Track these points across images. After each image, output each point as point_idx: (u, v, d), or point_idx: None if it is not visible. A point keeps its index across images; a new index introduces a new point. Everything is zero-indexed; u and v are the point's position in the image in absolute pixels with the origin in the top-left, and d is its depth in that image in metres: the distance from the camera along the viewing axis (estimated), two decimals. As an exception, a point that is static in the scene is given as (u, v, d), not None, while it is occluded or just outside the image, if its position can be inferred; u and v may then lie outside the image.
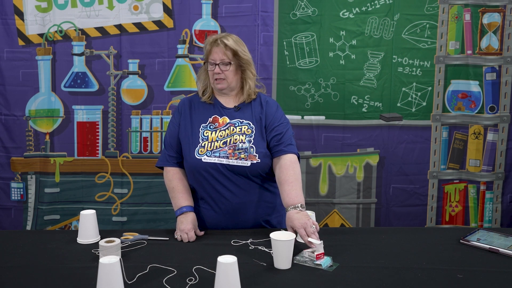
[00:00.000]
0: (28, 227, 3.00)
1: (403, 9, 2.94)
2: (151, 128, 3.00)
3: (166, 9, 2.92)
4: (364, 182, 3.08)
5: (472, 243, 1.81)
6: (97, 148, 3.01)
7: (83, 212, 1.86)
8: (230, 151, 1.94)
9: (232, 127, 1.99)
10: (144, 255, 1.71)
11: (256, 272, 1.56)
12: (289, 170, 1.91)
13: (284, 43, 2.96)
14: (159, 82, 2.97)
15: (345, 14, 2.94)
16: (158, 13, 2.92)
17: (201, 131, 1.99)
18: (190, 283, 1.47)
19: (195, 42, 2.94)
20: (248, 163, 1.92)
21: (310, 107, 3.00)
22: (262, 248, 1.75)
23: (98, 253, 1.66)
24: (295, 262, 1.63)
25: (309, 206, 1.89)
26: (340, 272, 1.56)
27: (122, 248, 1.72)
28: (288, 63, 2.97)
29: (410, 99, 3.02)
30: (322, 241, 1.65)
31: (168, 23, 2.93)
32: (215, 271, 1.36)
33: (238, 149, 1.94)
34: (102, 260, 1.34)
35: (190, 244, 1.84)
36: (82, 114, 2.98)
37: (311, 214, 1.86)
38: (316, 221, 1.81)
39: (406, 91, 3.01)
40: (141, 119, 3.00)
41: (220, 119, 2.01)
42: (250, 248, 1.77)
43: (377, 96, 3.00)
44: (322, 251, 1.64)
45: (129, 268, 1.53)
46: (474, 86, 3.02)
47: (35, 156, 2.98)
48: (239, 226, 1.98)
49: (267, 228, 2.02)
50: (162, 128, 2.99)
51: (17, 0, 2.86)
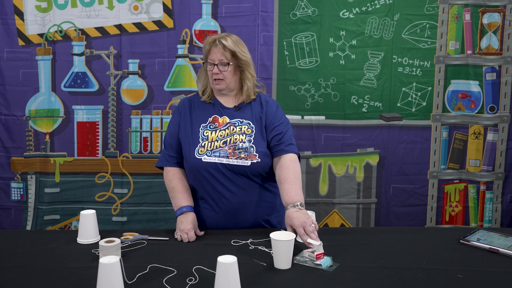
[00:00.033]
0: (28, 227, 3.00)
1: (403, 9, 2.94)
2: (151, 128, 3.00)
3: (166, 9, 2.92)
4: (364, 182, 3.08)
5: (472, 243, 1.81)
6: (97, 148, 3.01)
7: (83, 212, 1.86)
8: (230, 150, 1.94)
9: (232, 127, 1.99)
10: (144, 255, 1.71)
11: (256, 272, 1.56)
12: (289, 169, 1.91)
13: (284, 43, 2.96)
14: (159, 82, 2.97)
15: (345, 14, 2.94)
16: (158, 13, 2.92)
17: (201, 131, 1.99)
18: (190, 283, 1.47)
19: (195, 42, 2.94)
20: (248, 163, 1.92)
21: (310, 107, 3.00)
22: (262, 248, 1.75)
23: (98, 253, 1.66)
24: (295, 262, 1.63)
25: (309, 206, 1.89)
26: (340, 272, 1.56)
27: (122, 248, 1.72)
28: (288, 63, 2.97)
29: (410, 99, 3.02)
30: (321, 242, 1.65)
31: (168, 23, 2.93)
32: (215, 271, 1.36)
33: (238, 148, 1.94)
34: (102, 260, 1.34)
35: (190, 244, 1.84)
36: (82, 114, 2.98)
37: (311, 214, 1.85)
38: (316, 221, 1.80)
39: (406, 91, 3.01)
40: (141, 119, 3.00)
41: (220, 118, 2.01)
42: (250, 248, 1.76)
43: (377, 96, 3.00)
44: (322, 251, 1.63)
45: (129, 268, 1.53)
46: (474, 86, 3.02)
47: (35, 156, 2.98)
48: (239, 226, 1.98)
49: (267, 228, 2.02)
50: (162, 128, 2.99)
51: (17, 0, 2.87)
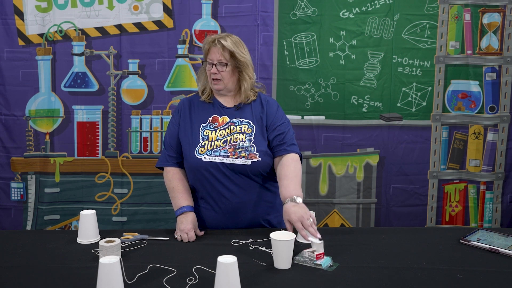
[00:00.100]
0: (28, 227, 3.00)
1: (403, 9, 2.94)
2: (151, 128, 3.00)
3: (166, 9, 2.92)
4: (364, 182, 3.08)
5: (472, 243, 1.81)
6: (97, 148, 3.01)
7: (83, 212, 1.86)
8: (231, 150, 1.94)
9: (232, 126, 1.99)
10: (144, 255, 1.71)
11: (256, 272, 1.56)
12: (290, 166, 1.92)
13: (284, 43, 2.96)
14: (159, 82, 2.97)
15: (345, 14, 2.94)
16: (158, 13, 2.92)
17: (201, 131, 1.99)
18: (190, 283, 1.47)
19: (195, 42, 2.94)
20: (248, 162, 1.92)
21: (310, 107, 3.00)
22: (262, 248, 1.75)
23: (98, 253, 1.66)
24: (295, 262, 1.63)
25: (309, 206, 1.88)
26: (340, 272, 1.56)
27: (122, 248, 1.72)
28: (288, 63, 2.97)
29: (410, 99, 3.02)
30: (322, 240, 1.65)
31: (168, 23, 2.93)
32: (215, 271, 1.36)
33: (239, 148, 1.94)
34: (102, 260, 1.34)
35: (190, 244, 1.83)
36: (82, 114, 2.98)
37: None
38: (316, 221, 1.80)
39: (406, 91, 3.01)
40: (141, 119, 3.00)
41: (220, 118, 2.01)
42: (250, 248, 1.76)
43: (377, 96, 3.00)
44: (322, 251, 1.63)
45: (129, 268, 1.53)
46: (474, 86, 3.02)
47: (35, 156, 2.98)
48: (239, 225, 1.98)
49: (267, 228, 2.02)
50: (162, 128, 2.99)
51: (17, 0, 2.87)
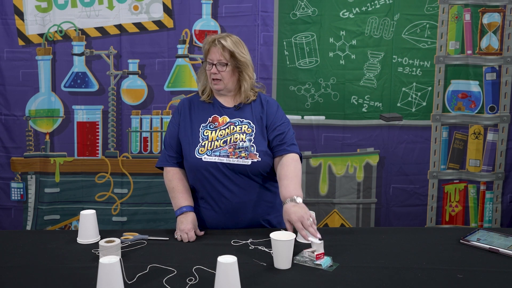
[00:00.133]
0: (28, 227, 3.00)
1: (403, 9, 2.94)
2: (151, 128, 3.00)
3: (166, 9, 2.92)
4: (364, 182, 3.08)
5: (472, 243, 1.81)
6: (97, 148, 3.01)
7: (83, 212, 1.86)
8: (231, 150, 1.94)
9: (232, 126, 1.99)
10: (144, 255, 1.71)
11: (256, 272, 1.56)
12: (290, 166, 1.92)
13: (284, 43, 2.96)
14: (159, 82, 2.97)
15: (345, 14, 2.94)
16: (158, 13, 2.92)
17: (201, 131, 1.99)
18: (190, 283, 1.47)
19: (195, 42, 2.94)
20: (249, 162, 1.92)
21: (310, 107, 3.00)
22: (262, 248, 1.75)
23: (98, 253, 1.66)
24: (295, 262, 1.63)
25: (309, 206, 1.88)
26: (340, 272, 1.56)
27: (122, 248, 1.72)
28: (288, 63, 2.97)
29: (410, 99, 3.02)
30: (322, 240, 1.65)
31: (168, 23, 2.93)
32: (215, 271, 1.36)
33: (239, 147, 1.94)
34: (102, 260, 1.34)
35: (190, 244, 1.83)
36: (82, 114, 2.97)
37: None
38: (316, 221, 1.80)
39: (406, 91, 3.01)
40: (141, 119, 3.00)
41: (220, 118, 2.01)
42: (250, 248, 1.76)
43: (377, 96, 3.00)
44: (322, 251, 1.63)
45: (129, 268, 1.53)
46: (474, 86, 3.02)
47: (35, 156, 2.98)
48: (239, 225, 1.98)
49: (267, 228, 2.02)
50: (162, 128, 2.99)
51: (17, 0, 2.87)
